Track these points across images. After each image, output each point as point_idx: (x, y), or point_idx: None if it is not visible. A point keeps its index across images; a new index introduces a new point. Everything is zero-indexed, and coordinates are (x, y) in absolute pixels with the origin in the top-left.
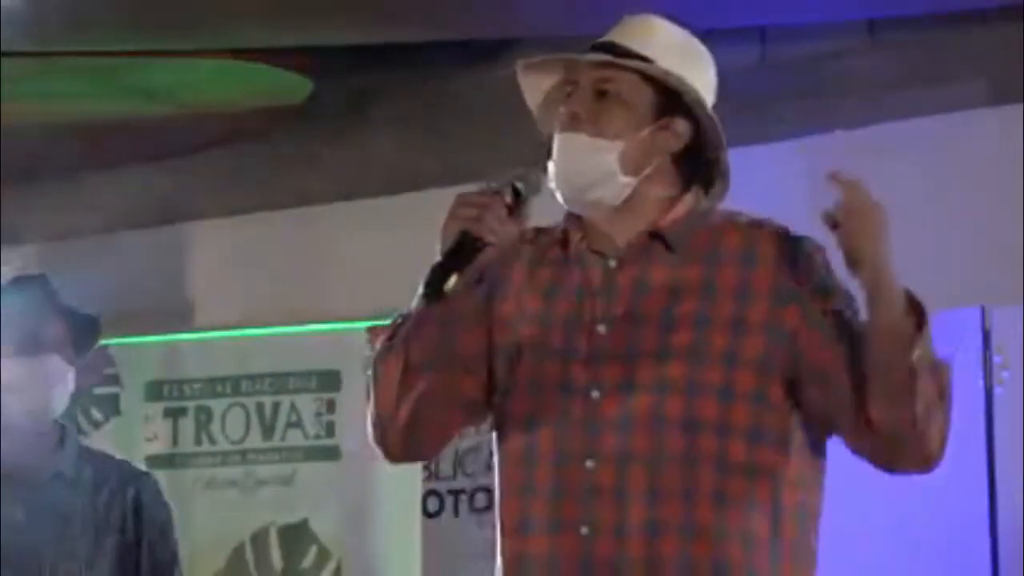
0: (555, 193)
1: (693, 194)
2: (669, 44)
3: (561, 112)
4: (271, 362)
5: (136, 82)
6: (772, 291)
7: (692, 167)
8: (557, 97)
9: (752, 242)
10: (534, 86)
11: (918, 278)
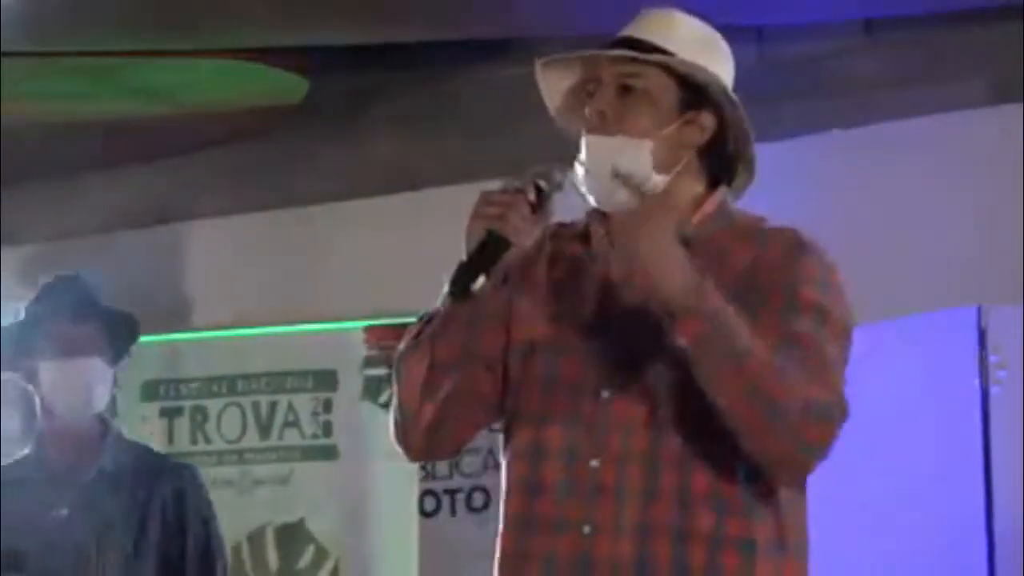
0: (584, 194)
1: (720, 190)
2: (690, 37)
3: (587, 112)
4: (268, 362)
5: (135, 82)
6: (753, 295)
7: (715, 161)
8: (579, 96)
9: (760, 251)
10: (552, 85)
11: (915, 277)
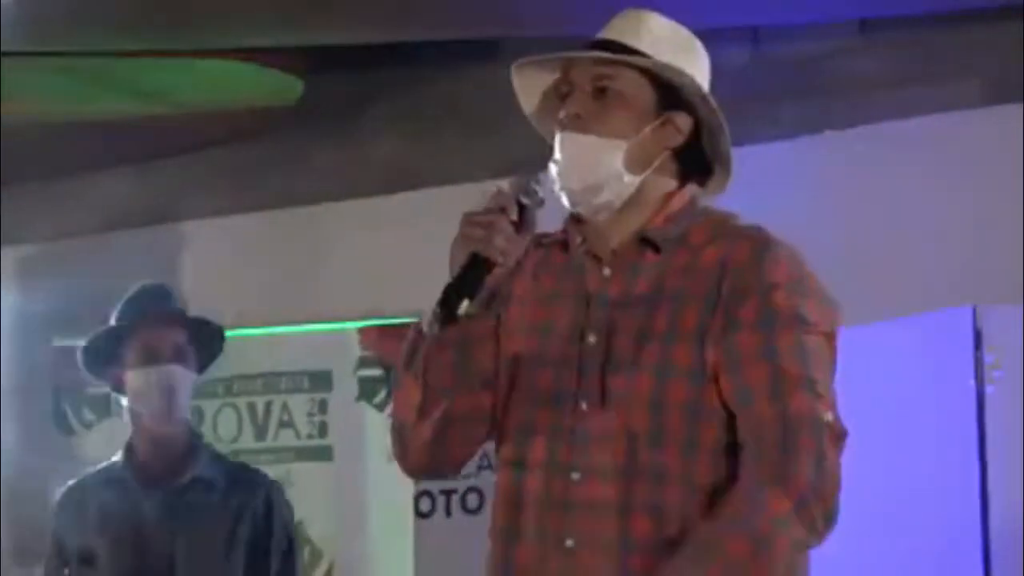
0: (560, 195)
1: (689, 188)
2: (663, 37)
3: (562, 114)
4: (263, 362)
5: (134, 82)
6: (718, 300)
7: (690, 160)
8: (554, 98)
9: (728, 251)
10: (528, 87)
11: (911, 277)
